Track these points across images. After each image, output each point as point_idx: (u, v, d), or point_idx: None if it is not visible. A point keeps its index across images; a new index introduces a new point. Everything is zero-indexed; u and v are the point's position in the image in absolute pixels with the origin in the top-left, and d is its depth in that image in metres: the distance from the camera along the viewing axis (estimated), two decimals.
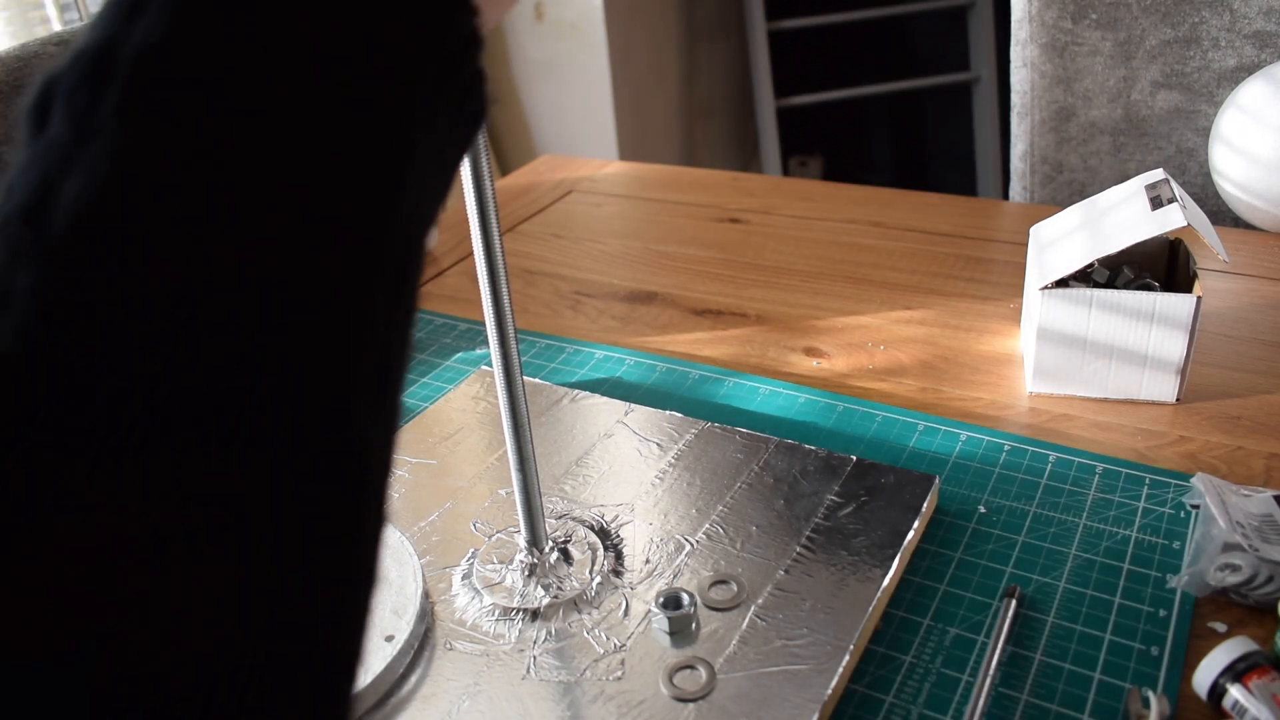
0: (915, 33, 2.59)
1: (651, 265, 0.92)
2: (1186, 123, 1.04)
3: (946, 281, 0.84)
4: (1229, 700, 0.42)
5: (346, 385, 0.23)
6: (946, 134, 2.64)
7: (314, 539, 0.23)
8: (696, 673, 0.45)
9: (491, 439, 0.64)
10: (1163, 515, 0.55)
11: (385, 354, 0.25)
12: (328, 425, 0.23)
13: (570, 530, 0.55)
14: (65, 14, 1.60)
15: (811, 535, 0.53)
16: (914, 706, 0.45)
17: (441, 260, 0.97)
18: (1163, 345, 0.62)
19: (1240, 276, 0.80)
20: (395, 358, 0.25)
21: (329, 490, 0.23)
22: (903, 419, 0.65)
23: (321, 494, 0.23)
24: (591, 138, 2.18)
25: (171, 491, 0.20)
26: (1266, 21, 0.97)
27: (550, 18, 2.10)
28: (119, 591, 0.20)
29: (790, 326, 0.79)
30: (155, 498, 0.20)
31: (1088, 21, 1.04)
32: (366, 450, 0.24)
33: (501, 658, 0.47)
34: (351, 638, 0.25)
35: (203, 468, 0.21)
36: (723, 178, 1.11)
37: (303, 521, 0.22)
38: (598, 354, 0.76)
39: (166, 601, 0.20)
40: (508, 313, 0.45)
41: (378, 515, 0.25)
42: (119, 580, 0.20)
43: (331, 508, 0.23)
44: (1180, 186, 0.71)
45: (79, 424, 0.20)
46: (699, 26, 2.44)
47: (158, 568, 0.20)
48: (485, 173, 0.42)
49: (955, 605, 0.50)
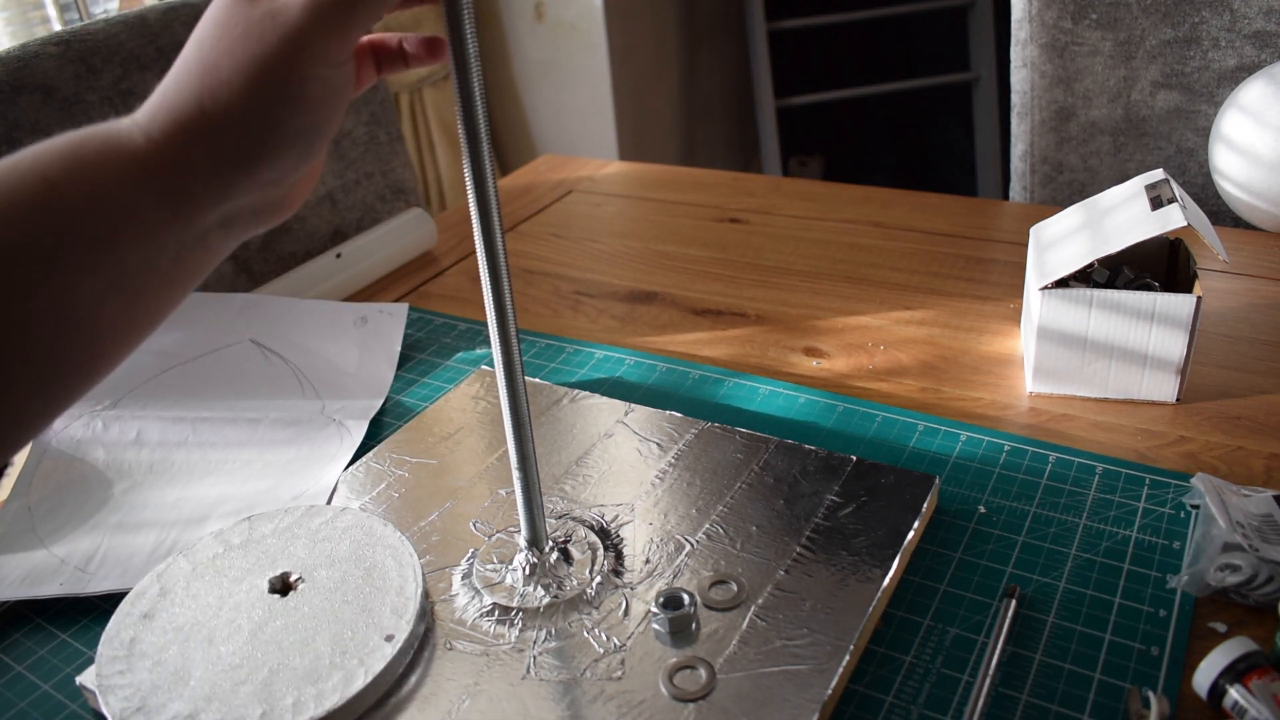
0: (915, 33, 2.60)
1: (651, 265, 0.92)
2: (1186, 123, 1.04)
3: (946, 281, 0.84)
4: (1229, 700, 0.42)
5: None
6: (946, 134, 2.64)
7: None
8: (696, 673, 0.45)
9: (491, 439, 0.64)
10: (1163, 515, 0.55)
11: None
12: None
13: (570, 530, 0.55)
14: (65, 14, 1.60)
15: (811, 535, 0.53)
16: (914, 706, 0.45)
17: (441, 260, 0.97)
18: (1163, 345, 0.62)
19: (1240, 276, 0.80)
20: None
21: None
22: (903, 419, 0.65)
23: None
24: (591, 138, 2.18)
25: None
26: (1266, 21, 0.97)
27: (550, 18, 2.10)
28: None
29: (790, 326, 0.79)
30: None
31: (1088, 21, 1.04)
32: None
33: (501, 658, 0.47)
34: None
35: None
36: (723, 178, 1.11)
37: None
38: (598, 354, 0.76)
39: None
40: (509, 311, 0.45)
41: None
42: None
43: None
44: (1180, 186, 0.71)
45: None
46: (699, 26, 2.44)
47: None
48: (486, 172, 0.42)
49: (955, 605, 0.50)
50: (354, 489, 0.61)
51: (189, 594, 0.50)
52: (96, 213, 0.35)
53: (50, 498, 0.62)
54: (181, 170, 0.36)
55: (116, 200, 0.35)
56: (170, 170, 0.36)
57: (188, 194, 0.36)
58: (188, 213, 0.36)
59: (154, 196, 0.36)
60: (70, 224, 0.34)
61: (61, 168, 0.35)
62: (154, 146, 0.36)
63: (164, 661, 0.46)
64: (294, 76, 0.35)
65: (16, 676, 0.51)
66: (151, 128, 0.36)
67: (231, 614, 0.49)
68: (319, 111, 0.37)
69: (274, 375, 0.74)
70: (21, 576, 0.55)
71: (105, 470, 0.64)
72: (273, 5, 0.35)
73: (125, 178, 0.35)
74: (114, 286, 0.36)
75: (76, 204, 0.35)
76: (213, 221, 0.38)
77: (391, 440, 0.65)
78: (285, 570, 0.51)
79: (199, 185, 0.36)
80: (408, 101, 2.05)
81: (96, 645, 0.48)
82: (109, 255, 0.35)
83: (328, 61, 0.36)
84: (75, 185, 0.35)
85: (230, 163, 0.36)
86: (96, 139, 0.36)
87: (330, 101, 0.37)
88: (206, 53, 0.36)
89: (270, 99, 0.35)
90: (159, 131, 0.36)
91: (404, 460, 0.63)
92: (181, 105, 0.36)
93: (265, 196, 0.39)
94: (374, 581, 0.50)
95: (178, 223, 0.36)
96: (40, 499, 0.62)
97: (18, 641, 0.53)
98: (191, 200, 0.36)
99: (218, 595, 0.50)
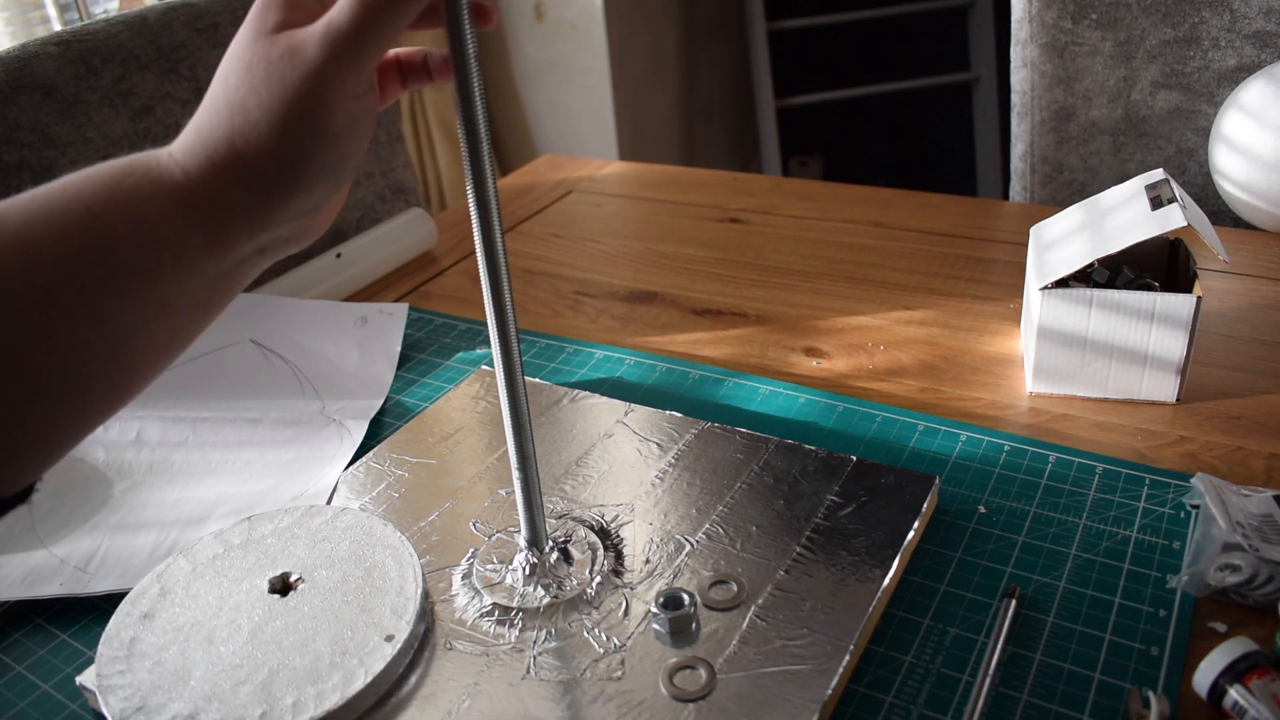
0: (915, 33, 2.60)
1: (651, 265, 0.92)
2: (1186, 123, 1.04)
3: (946, 281, 0.84)
4: (1229, 700, 0.42)
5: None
6: (946, 134, 2.64)
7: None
8: (696, 673, 0.45)
9: (491, 439, 0.64)
10: (1163, 515, 0.55)
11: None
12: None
13: (570, 530, 0.55)
14: (65, 14, 1.60)
15: (811, 535, 0.53)
16: (914, 706, 0.45)
17: (441, 260, 0.97)
18: (1163, 345, 0.62)
19: (1240, 276, 0.80)
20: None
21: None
22: (903, 419, 0.65)
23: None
24: (591, 138, 2.18)
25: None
26: (1266, 21, 0.97)
27: (550, 18, 2.10)
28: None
29: (790, 326, 0.79)
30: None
31: (1088, 21, 1.04)
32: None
33: (501, 658, 0.47)
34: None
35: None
36: (723, 178, 1.11)
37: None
38: (598, 354, 0.76)
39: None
40: (509, 312, 0.45)
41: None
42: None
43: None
44: (1180, 186, 0.71)
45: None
46: (699, 26, 2.44)
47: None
48: (486, 172, 0.42)
49: (955, 605, 0.50)
50: (354, 489, 0.61)
51: (189, 594, 0.50)
52: (140, 245, 0.36)
53: (50, 498, 0.62)
54: (219, 206, 0.37)
55: (159, 233, 0.37)
56: (209, 205, 0.37)
57: (226, 228, 0.38)
58: (226, 244, 0.38)
59: (194, 230, 0.37)
60: (115, 256, 0.36)
61: (105, 200, 0.36)
62: (192, 183, 0.37)
63: (164, 661, 0.46)
64: (317, 113, 0.36)
65: (16, 676, 0.51)
66: (189, 164, 0.37)
67: (231, 614, 0.49)
68: (344, 144, 0.38)
69: (274, 375, 0.74)
70: (21, 576, 0.55)
71: (105, 470, 0.64)
72: (290, 44, 0.36)
73: (167, 211, 0.37)
74: (154, 313, 0.37)
75: (121, 237, 0.36)
76: (249, 250, 0.39)
77: (391, 440, 0.65)
78: (285, 570, 0.51)
79: (236, 220, 0.38)
80: (408, 101, 2.05)
81: (96, 645, 0.48)
82: (151, 284, 0.37)
83: (348, 95, 0.37)
84: (119, 218, 0.36)
85: (264, 198, 0.38)
86: (137, 172, 0.37)
87: (354, 133, 0.38)
88: (233, 92, 0.37)
89: (297, 137, 0.37)
90: (196, 169, 0.37)
91: (404, 460, 0.63)
92: (216, 145, 0.37)
93: (297, 223, 0.40)
94: (374, 581, 0.50)
95: (216, 253, 0.38)
96: (40, 499, 0.62)
97: (18, 641, 0.53)
98: (229, 233, 0.38)
99: (218, 595, 0.50)
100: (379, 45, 0.37)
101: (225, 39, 0.95)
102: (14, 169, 0.78)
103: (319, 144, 0.37)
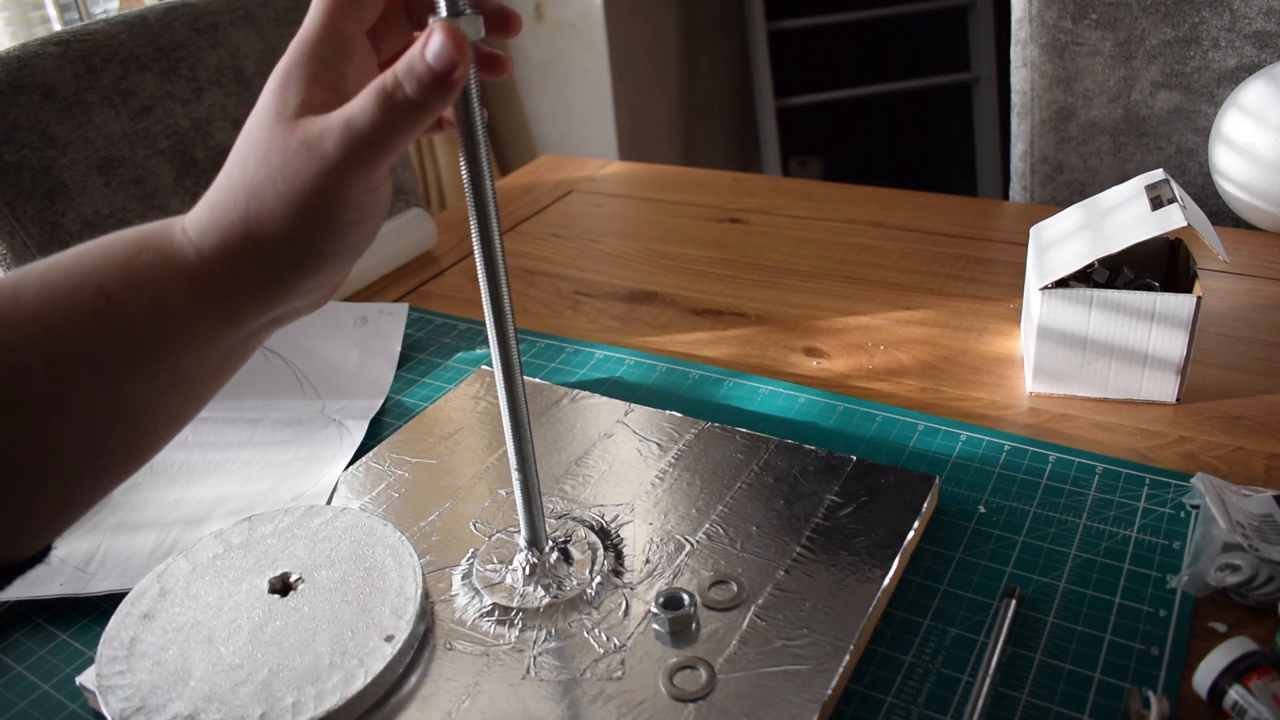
0: (915, 33, 2.60)
1: (651, 265, 0.92)
2: (1186, 123, 1.04)
3: (946, 281, 0.84)
4: (1229, 700, 0.42)
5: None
6: (946, 134, 2.64)
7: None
8: (696, 673, 0.45)
9: (491, 439, 0.64)
10: (1163, 515, 0.55)
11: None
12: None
13: (570, 530, 0.55)
14: (65, 14, 1.60)
15: (811, 535, 0.53)
16: (914, 706, 0.45)
17: (441, 260, 0.97)
18: (1163, 345, 0.62)
19: (1240, 276, 0.80)
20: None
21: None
22: (903, 419, 0.65)
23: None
24: (591, 138, 2.18)
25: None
26: (1266, 21, 0.97)
27: (550, 18, 2.10)
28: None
29: (790, 326, 0.79)
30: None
31: (1088, 21, 1.04)
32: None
33: (501, 658, 0.47)
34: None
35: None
36: (723, 178, 1.11)
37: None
38: (598, 354, 0.76)
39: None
40: (508, 312, 0.45)
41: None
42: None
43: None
44: (1180, 186, 0.71)
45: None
46: (699, 26, 2.44)
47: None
48: (485, 173, 0.42)
49: (955, 605, 0.50)
50: (354, 489, 0.61)
51: (189, 594, 0.50)
52: (155, 325, 0.37)
53: None
54: (233, 287, 0.38)
55: (173, 313, 0.37)
56: (222, 287, 0.38)
57: (239, 306, 0.38)
58: (239, 320, 0.39)
59: (207, 310, 0.38)
60: (129, 337, 0.37)
61: (119, 280, 0.37)
62: (205, 264, 0.38)
63: (164, 662, 0.46)
64: (333, 207, 0.37)
65: (16, 676, 0.51)
66: (202, 245, 0.38)
67: (231, 614, 0.49)
68: (357, 234, 0.38)
69: (274, 375, 0.74)
70: (21, 576, 0.55)
71: None
72: (308, 135, 0.36)
73: (181, 291, 0.37)
74: (169, 387, 0.38)
75: (136, 317, 0.37)
76: (261, 323, 0.40)
77: (391, 440, 0.65)
78: (285, 570, 0.51)
79: (249, 299, 0.38)
80: None
81: (96, 645, 0.48)
82: (166, 361, 0.37)
83: (364, 189, 0.37)
84: (133, 299, 0.37)
85: (277, 280, 0.38)
86: (150, 250, 0.38)
87: (367, 224, 0.39)
88: (250, 175, 0.37)
89: (312, 228, 0.37)
90: (210, 250, 0.38)
91: (404, 460, 0.63)
92: (230, 228, 0.37)
93: (310, 297, 0.41)
94: (374, 581, 0.50)
95: (229, 329, 0.39)
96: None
97: (18, 641, 0.53)
98: (242, 309, 0.39)
99: (218, 595, 0.50)
100: (398, 147, 0.37)
101: (225, 39, 0.95)
102: (14, 169, 0.79)
103: (332, 235, 0.37)
